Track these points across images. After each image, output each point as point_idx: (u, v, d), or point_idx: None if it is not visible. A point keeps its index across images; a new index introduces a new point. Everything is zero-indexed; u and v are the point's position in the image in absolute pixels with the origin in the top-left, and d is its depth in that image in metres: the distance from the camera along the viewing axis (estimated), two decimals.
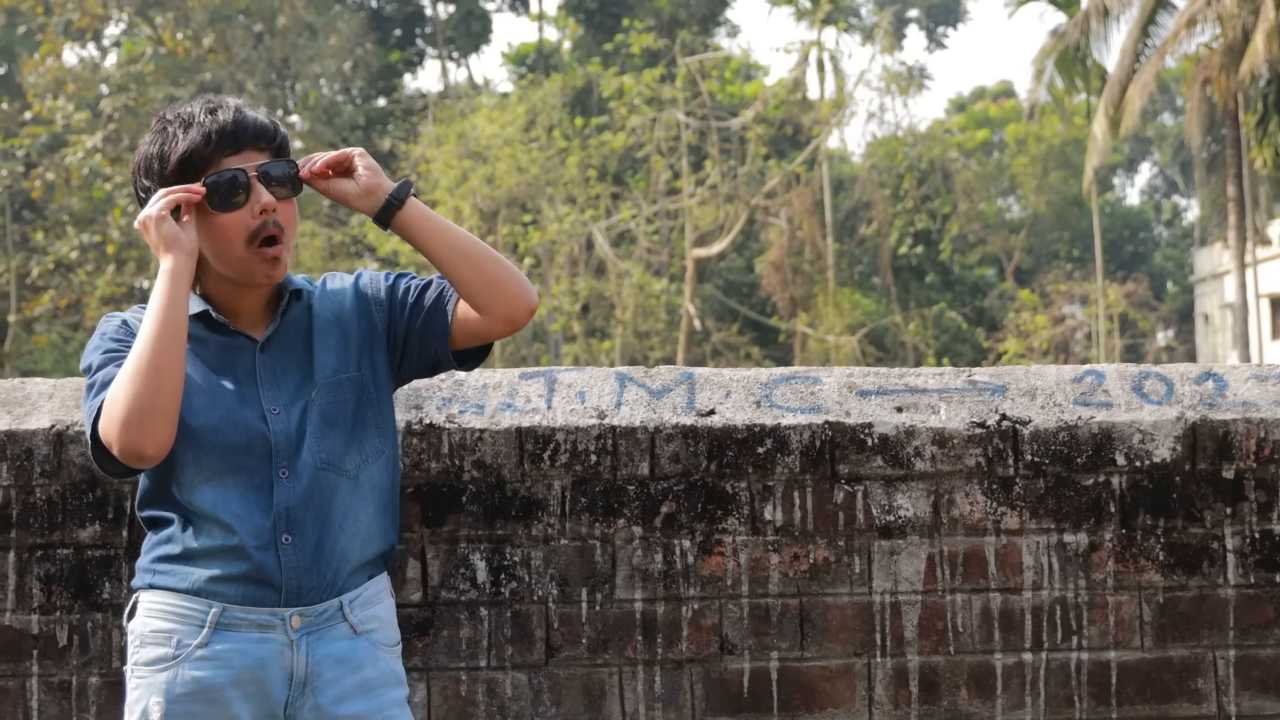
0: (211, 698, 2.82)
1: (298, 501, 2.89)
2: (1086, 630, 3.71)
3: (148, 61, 34.58)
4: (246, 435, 2.87)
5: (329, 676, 2.91)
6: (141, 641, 2.87)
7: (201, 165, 2.85)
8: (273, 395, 2.92)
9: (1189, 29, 32.97)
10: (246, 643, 2.86)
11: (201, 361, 2.91)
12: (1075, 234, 55.61)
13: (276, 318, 2.98)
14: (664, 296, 29.37)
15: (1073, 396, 3.82)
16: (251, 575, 2.86)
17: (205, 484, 2.86)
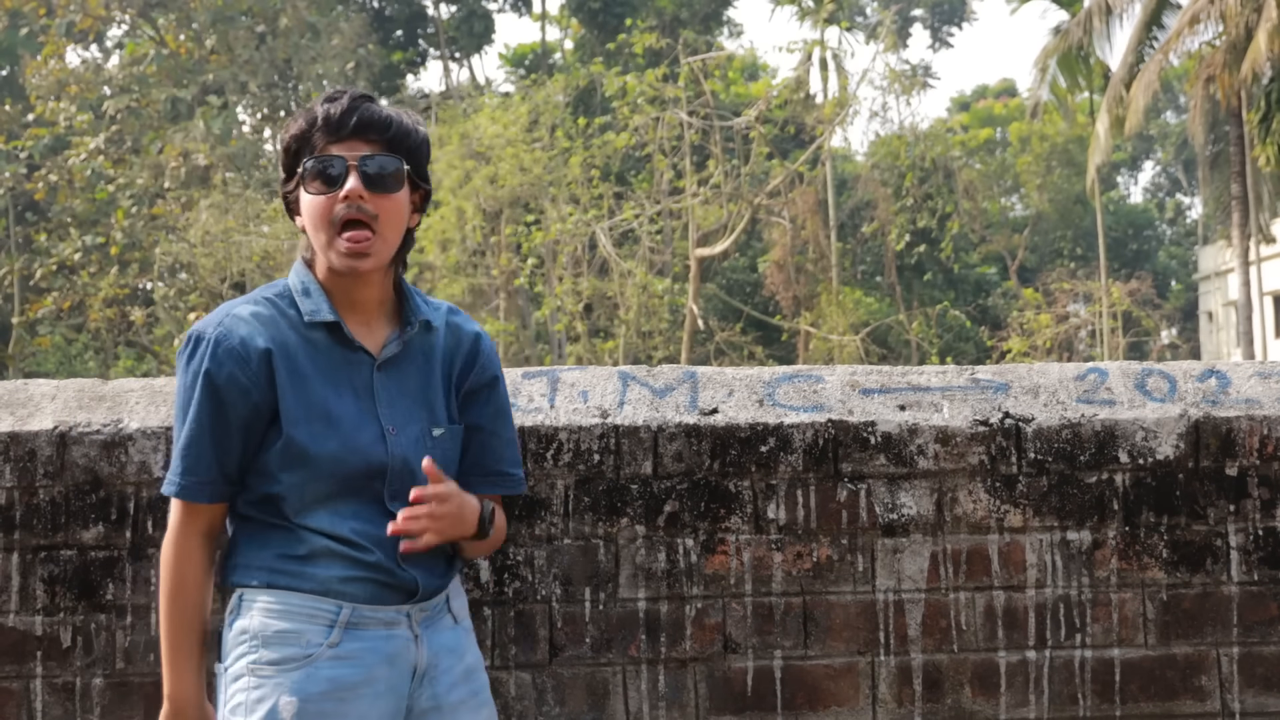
0: (343, 696, 2.86)
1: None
2: (1090, 628, 3.71)
3: (150, 63, 34.60)
4: (365, 462, 2.91)
5: (443, 666, 3.01)
6: (263, 641, 2.87)
7: (307, 149, 2.92)
8: (389, 414, 2.96)
9: (1192, 27, 32.95)
10: (376, 640, 2.91)
11: (317, 377, 2.93)
12: (1078, 232, 55.57)
13: (398, 340, 3.02)
14: (667, 296, 29.35)
15: (1076, 394, 3.82)
16: (377, 579, 2.92)
17: (320, 507, 2.90)
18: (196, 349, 2.89)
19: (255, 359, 2.86)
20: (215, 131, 31.94)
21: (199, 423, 2.86)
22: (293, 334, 2.92)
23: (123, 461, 3.63)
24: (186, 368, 2.90)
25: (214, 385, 2.85)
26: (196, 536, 2.92)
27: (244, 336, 2.88)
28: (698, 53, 32.10)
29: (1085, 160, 42.50)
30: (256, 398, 2.86)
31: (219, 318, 2.92)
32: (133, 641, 3.62)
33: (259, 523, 2.93)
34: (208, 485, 2.88)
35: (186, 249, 28.85)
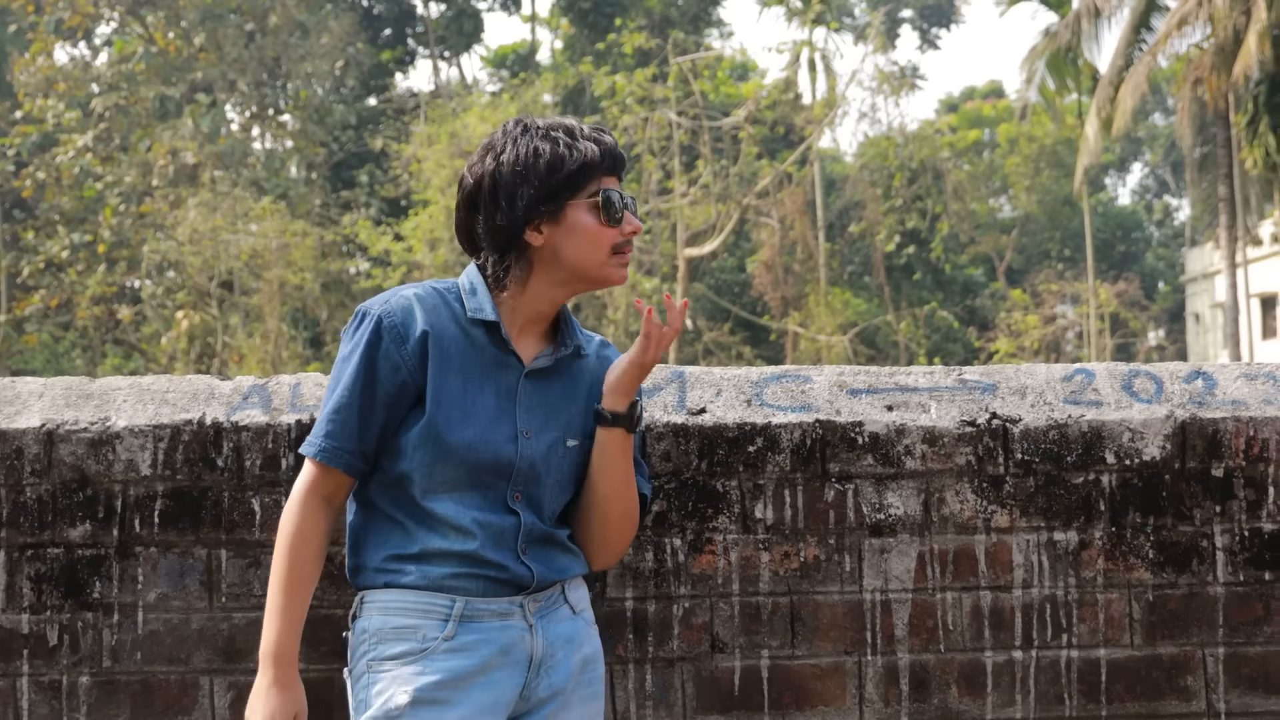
0: (457, 685, 2.92)
1: (534, 525, 3.05)
2: (1076, 628, 3.72)
3: (139, 60, 34.56)
4: (495, 457, 3.00)
5: (560, 656, 3.07)
6: (381, 638, 2.95)
7: (590, 178, 3.04)
8: (527, 418, 3.05)
9: (1180, 29, 33.02)
10: (490, 631, 2.98)
11: (467, 369, 3.03)
12: (1066, 234, 55.67)
13: (550, 355, 3.12)
14: (655, 296, 29.35)
15: (1063, 395, 3.82)
16: (492, 574, 2.99)
17: (447, 494, 2.98)
18: (361, 323, 3.01)
19: (413, 339, 2.98)
20: (204, 129, 31.92)
21: (350, 392, 2.97)
22: (453, 324, 3.03)
23: (110, 460, 3.63)
24: (349, 339, 3.03)
25: (371, 359, 2.97)
26: (322, 501, 3.00)
27: (406, 317, 3.00)
28: (687, 53, 32.14)
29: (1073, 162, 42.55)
30: (406, 376, 2.97)
31: (387, 296, 3.06)
32: (119, 640, 3.62)
33: (382, 515, 3.02)
34: (345, 454, 2.96)
35: (174, 247, 28.83)
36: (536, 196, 2.99)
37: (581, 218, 3.03)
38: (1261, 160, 32.17)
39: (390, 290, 3.09)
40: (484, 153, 3.07)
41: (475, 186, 3.05)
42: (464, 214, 3.09)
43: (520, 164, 3.00)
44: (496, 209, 3.02)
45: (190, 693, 3.60)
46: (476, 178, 3.04)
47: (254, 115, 38.21)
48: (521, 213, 3.00)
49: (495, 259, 3.06)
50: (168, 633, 3.60)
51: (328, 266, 31.01)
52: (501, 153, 3.02)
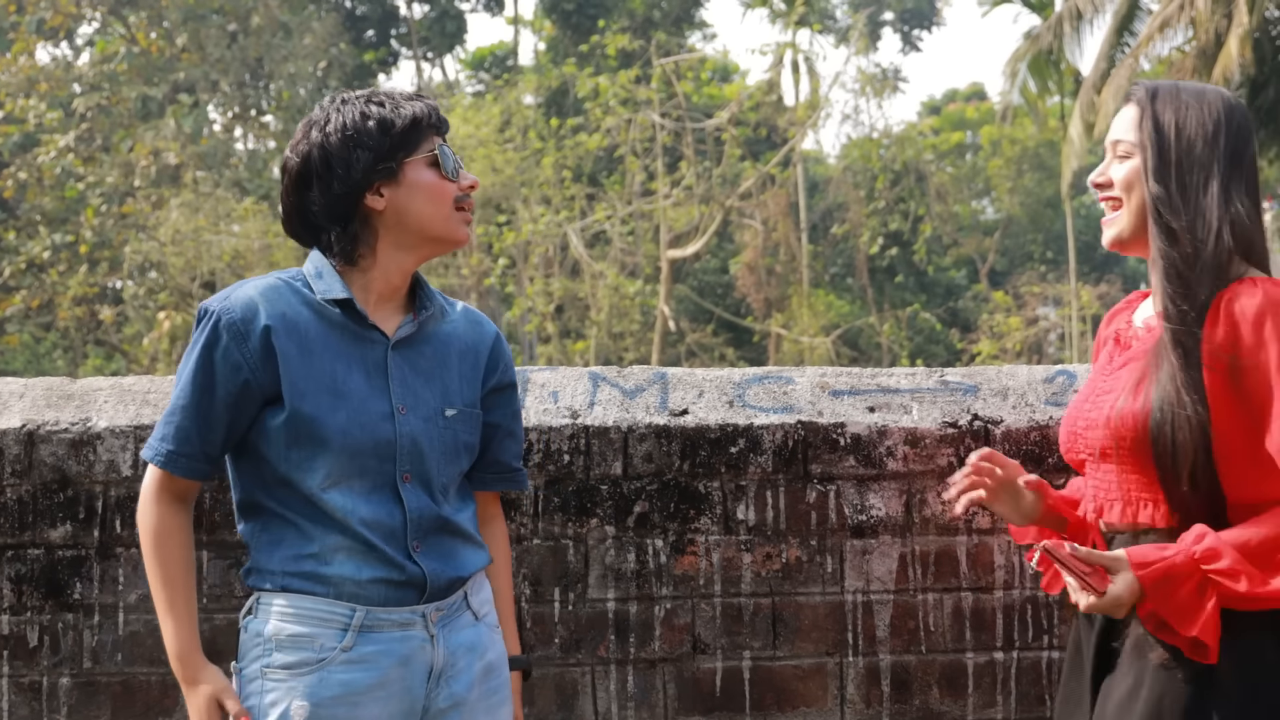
0: (355, 700, 2.86)
1: (425, 509, 2.97)
2: (1057, 629, 3.73)
3: (121, 60, 34.45)
4: (373, 438, 2.92)
5: (462, 665, 3.00)
6: (276, 645, 2.88)
7: (423, 135, 3.00)
8: (401, 393, 2.98)
9: (1162, 32, 33.08)
10: (390, 643, 2.91)
11: (331, 351, 2.95)
12: (1049, 236, 55.75)
13: (412, 321, 3.05)
14: (638, 298, 29.38)
15: (1044, 396, 3.83)
16: (392, 578, 2.92)
17: (333, 487, 2.90)
18: (201, 322, 2.93)
19: (255, 335, 2.88)
20: (186, 130, 31.84)
21: (186, 394, 2.89)
22: (304, 310, 2.95)
23: (91, 460, 3.62)
24: (193, 339, 2.94)
25: (209, 359, 2.89)
26: (173, 502, 2.93)
27: (247, 312, 2.90)
28: (670, 54, 32.14)
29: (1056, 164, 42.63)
30: (248, 375, 2.88)
31: (229, 292, 2.96)
32: (100, 641, 3.61)
33: (275, 517, 2.93)
34: (183, 459, 2.89)
35: (156, 248, 28.77)
36: (373, 158, 2.93)
37: (422, 174, 2.97)
38: None
39: (233, 285, 2.99)
40: (306, 129, 2.98)
41: (304, 162, 2.95)
42: (294, 196, 2.99)
43: (350, 129, 2.93)
44: (333, 178, 2.93)
45: (171, 694, 3.59)
46: (303, 154, 2.95)
47: (236, 116, 38.13)
48: (360, 176, 2.93)
49: (339, 232, 2.97)
50: (149, 634, 3.59)
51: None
52: (326, 124, 2.95)
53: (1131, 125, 3.07)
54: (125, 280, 31.43)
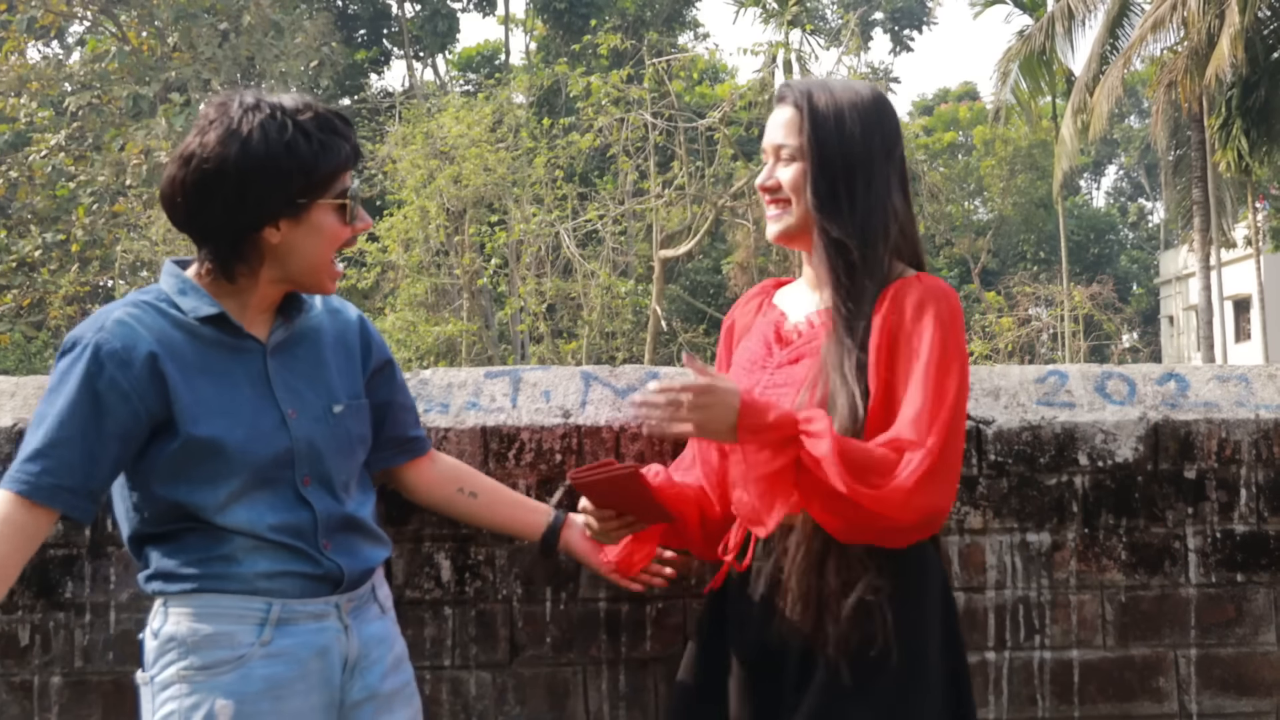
0: (278, 694, 2.85)
1: (331, 510, 2.97)
2: (1049, 629, 3.73)
3: (112, 59, 34.39)
4: (270, 448, 2.89)
5: (374, 656, 3.02)
6: (191, 646, 2.84)
7: (338, 176, 2.92)
8: (286, 399, 2.95)
9: (1154, 32, 33.12)
10: (307, 634, 2.91)
11: (212, 371, 2.89)
12: (1041, 236, 55.81)
13: (283, 324, 3.01)
14: (631, 297, 29.32)
15: (1036, 397, 3.83)
16: (305, 572, 2.91)
17: (235, 503, 2.87)
18: (75, 353, 2.82)
19: (139, 363, 2.80)
20: (178, 129, 31.72)
21: (69, 425, 2.76)
22: (178, 332, 2.87)
23: None
24: (63, 369, 2.81)
25: (93, 390, 2.77)
26: (25, 535, 2.76)
27: (127, 340, 2.82)
28: (662, 54, 32.12)
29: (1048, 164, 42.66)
30: (137, 404, 2.80)
31: (99, 322, 2.85)
32: (91, 640, 3.61)
33: (175, 532, 2.88)
34: (65, 492, 2.76)
35: (148, 247, 28.69)
36: (284, 197, 2.84)
37: (325, 218, 2.90)
38: (1235, 163, 32.30)
39: (96, 315, 2.88)
40: (224, 135, 2.81)
41: (215, 173, 2.80)
42: (190, 197, 2.84)
43: (269, 157, 2.80)
44: (239, 203, 2.81)
45: None
46: (217, 161, 2.80)
47: None
48: (265, 213, 2.84)
49: (224, 250, 2.88)
50: (140, 633, 3.58)
51: None
52: (248, 138, 2.80)
53: (792, 129, 3.11)
54: (117, 279, 31.33)
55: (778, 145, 3.13)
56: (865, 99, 3.11)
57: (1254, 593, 3.76)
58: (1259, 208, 40.48)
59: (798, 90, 3.11)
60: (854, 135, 3.06)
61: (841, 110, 3.07)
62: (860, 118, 3.08)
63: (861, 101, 3.10)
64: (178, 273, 2.96)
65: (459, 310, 30.62)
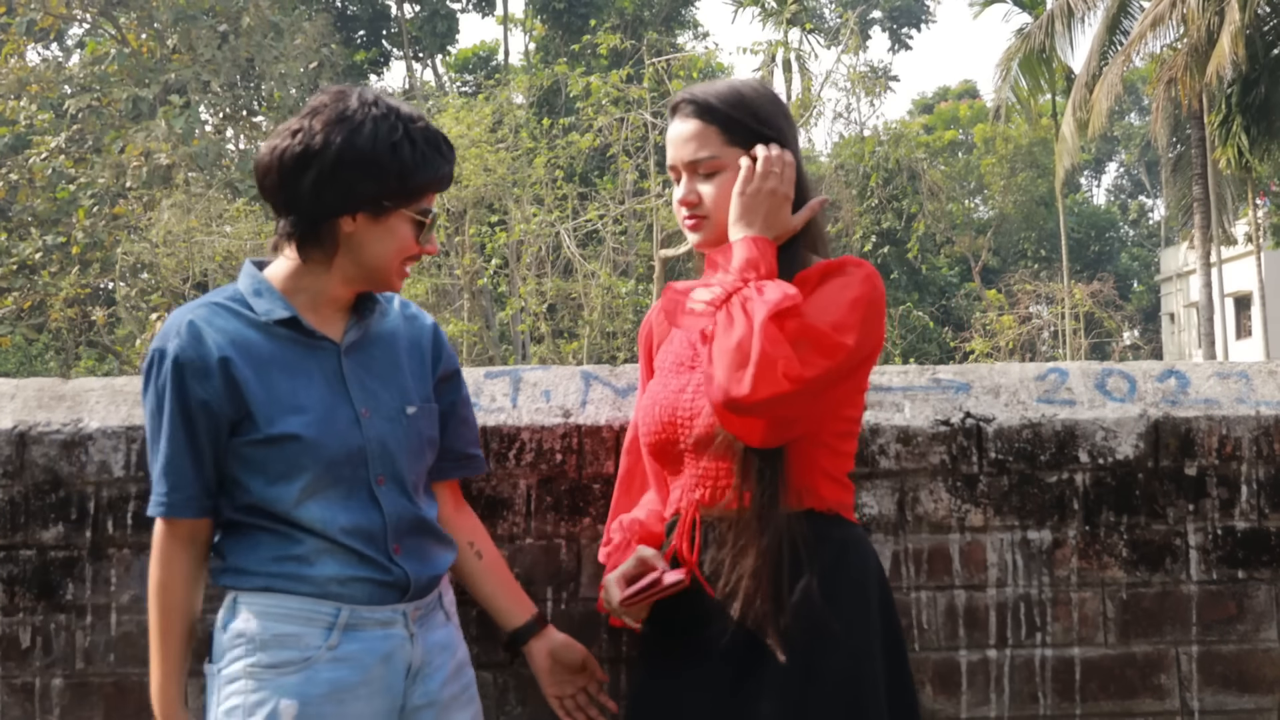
0: (341, 698, 2.89)
1: (403, 511, 3.02)
2: (1050, 627, 3.72)
3: (112, 61, 34.40)
4: (344, 445, 2.95)
5: (436, 663, 3.07)
6: (260, 644, 2.90)
7: (426, 193, 2.99)
8: (361, 398, 3.01)
9: (1154, 29, 33.12)
10: (373, 641, 2.95)
11: (287, 369, 2.96)
12: (1042, 234, 55.80)
13: (356, 324, 3.08)
14: (631, 297, 29.32)
15: (1036, 394, 3.83)
16: (374, 578, 2.96)
17: (309, 499, 2.92)
18: (158, 368, 2.92)
19: (215, 370, 2.89)
20: (177, 131, 31.75)
21: (173, 442, 2.90)
22: (252, 333, 2.95)
23: (83, 461, 3.62)
24: (151, 387, 2.93)
25: (181, 403, 2.89)
26: (184, 550, 2.96)
27: (199, 347, 2.90)
28: (662, 53, 32.12)
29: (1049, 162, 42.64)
30: (217, 409, 2.89)
31: (175, 328, 2.93)
32: (92, 642, 3.61)
33: (249, 526, 2.95)
34: (193, 501, 2.92)
35: (148, 249, 28.69)
36: (375, 193, 2.91)
37: (400, 227, 2.97)
38: (1235, 160, 32.32)
39: (172, 318, 2.97)
40: (335, 118, 2.90)
41: (318, 151, 2.88)
42: (290, 169, 2.91)
43: (374, 151, 2.89)
44: (329, 184, 2.89)
45: None
46: (322, 142, 2.88)
47: (228, 116, 38.09)
48: (352, 202, 2.91)
49: (300, 225, 2.95)
50: (141, 634, 3.59)
51: None
52: (359, 127, 2.89)
53: (705, 140, 3.10)
54: (117, 281, 31.33)
55: (693, 161, 3.12)
56: (758, 88, 3.14)
57: (1255, 589, 3.76)
58: (1259, 204, 40.51)
59: (693, 104, 3.12)
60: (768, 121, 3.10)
61: (747, 100, 3.10)
62: (766, 102, 3.12)
63: (756, 91, 3.13)
64: (254, 274, 3.04)
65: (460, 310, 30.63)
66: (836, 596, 2.94)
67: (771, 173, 3.02)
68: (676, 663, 3.06)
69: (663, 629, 3.13)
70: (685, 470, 3.08)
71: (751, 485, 2.93)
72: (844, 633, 2.92)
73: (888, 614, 3.08)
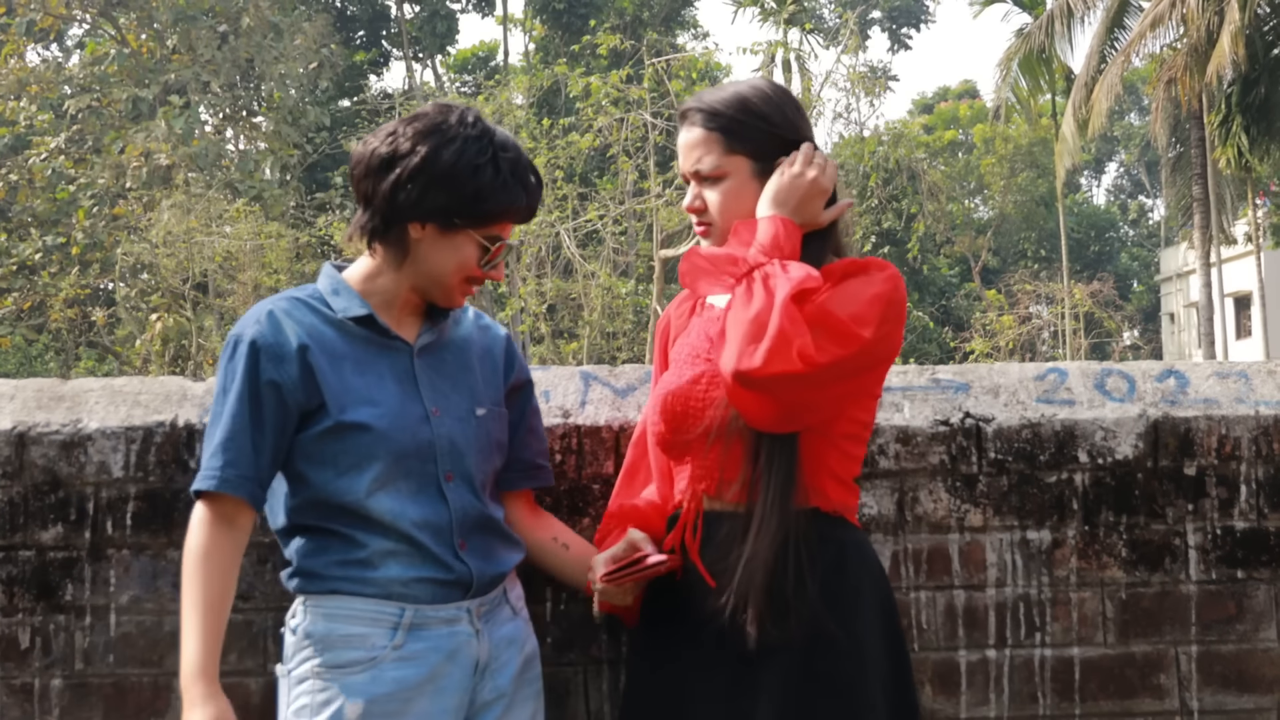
0: (407, 696, 2.93)
1: (469, 508, 3.06)
2: (1050, 627, 3.72)
3: (111, 62, 34.43)
4: (413, 439, 3.00)
5: (504, 658, 3.11)
6: (327, 645, 2.94)
7: (498, 221, 3.06)
8: (432, 397, 3.07)
9: (1154, 29, 33.13)
10: (438, 639, 2.99)
11: (361, 364, 3.03)
12: (1042, 234, 55.81)
13: (430, 328, 3.15)
14: (631, 297, 29.32)
15: (1036, 394, 3.83)
16: (439, 577, 3.00)
17: (380, 490, 2.97)
18: (236, 350, 2.98)
19: (292, 356, 2.96)
20: (177, 131, 31.77)
21: (238, 420, 2.93)
22: (328, 329, 3.03)
23: (82, 462, 3.62)
24: (226, 368, 2.99)
25: (253, 384, 2.94)
26: (226, 527, 2.95)
27: (278, 335, 2.98)
28: (661, 54, 32.12)
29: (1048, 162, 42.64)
30: (288, 394, 2.95)
31: (255, 317, 3.01)
32: (92, 643, 3.60)
33: (316, 530, 2.99)
34: (245, 481, 2.93)
35: (148, 249, 28.70)
36: (447, 206, 2.98)
37: (465, 247, 3.04)
38: (1235, 160, 32.32)
39: (252, 310, 3.04)
40: (431, 127, 3.00)
41: (404, 155, 2.99)
42: (376, 165, 3.01)
43: (456, 167, 2.97)
44: (405, 187, 2.98)
45: (163, 695, 3.59)
46: (409, 147, 2.99)
47: (228, 117, 38.10)
48: (421, 210, 2.99)
49: (374, 221, 3.03)
50: (140, 635, 3.59)
51: (302, 268, 30.85)
52: (449, 141, 2.98)
53: (708, 148, 3.12)
54: (117, 282, 31.38)
55: (696, 171, 3.14)
56: (766, 91, 3.14)
57: (1254, 589, 3.76)
58: (1259, 204, 40.52)
59: (701, 112, 3.13)
60: (780, 123, 3.12)
61: (751, 105, 3.11)
62: (775, 105, 3.13)
63: (764, 95, 3.13)
64: (333, 274, 3.13)
65: None
66: (838, 596, 2.95)
67: (815, 163, 3.06)
68: (674, 657, 3.06)
69: (660, 622, 3.13)
70: (692, 462, 3.08)
71: (760, 478, 2.93)
72: (844, 633, 2.92)
73: (889, 615, 3.08)
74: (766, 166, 3.09)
